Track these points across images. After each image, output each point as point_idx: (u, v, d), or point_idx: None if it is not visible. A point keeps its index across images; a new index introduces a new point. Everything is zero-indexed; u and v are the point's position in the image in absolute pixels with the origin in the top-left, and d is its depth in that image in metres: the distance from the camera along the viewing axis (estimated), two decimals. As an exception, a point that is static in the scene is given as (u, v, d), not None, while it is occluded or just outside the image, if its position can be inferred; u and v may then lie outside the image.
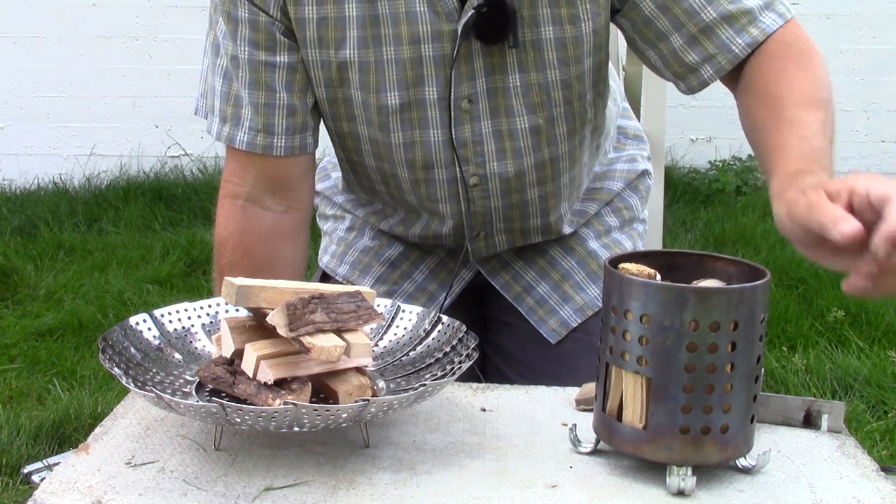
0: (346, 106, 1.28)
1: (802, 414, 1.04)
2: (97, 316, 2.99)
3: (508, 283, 1.44)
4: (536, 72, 1.25)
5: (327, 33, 1.23)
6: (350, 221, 1.51)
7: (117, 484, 0.89)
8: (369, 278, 1.45)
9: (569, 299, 1.43)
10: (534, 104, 1.27)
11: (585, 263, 1.44)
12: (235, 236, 1.31)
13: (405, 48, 1.23)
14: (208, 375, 0.98)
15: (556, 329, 1.42)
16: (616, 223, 1.50)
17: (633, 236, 1.52)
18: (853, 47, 4.58)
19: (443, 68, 1.24)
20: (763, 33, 1.23)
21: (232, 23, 1.25)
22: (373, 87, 1.25)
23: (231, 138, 1.29)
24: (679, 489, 0.89)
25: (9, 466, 2.12)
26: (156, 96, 4.64)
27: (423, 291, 1.45)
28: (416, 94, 1.25)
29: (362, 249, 1.48)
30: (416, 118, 1.27)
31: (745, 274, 0.95)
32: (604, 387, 0.94)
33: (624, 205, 1.51)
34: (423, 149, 1.29)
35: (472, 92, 1.26)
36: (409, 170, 1.31)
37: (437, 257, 1.47)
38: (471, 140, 1.28)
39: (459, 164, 1.29)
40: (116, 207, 4.15)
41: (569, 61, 1.25)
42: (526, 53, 1.24)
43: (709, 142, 4.74)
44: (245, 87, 1.26)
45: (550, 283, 1.44)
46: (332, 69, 1.25)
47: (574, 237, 1.46)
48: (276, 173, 1.31)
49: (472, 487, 0.90)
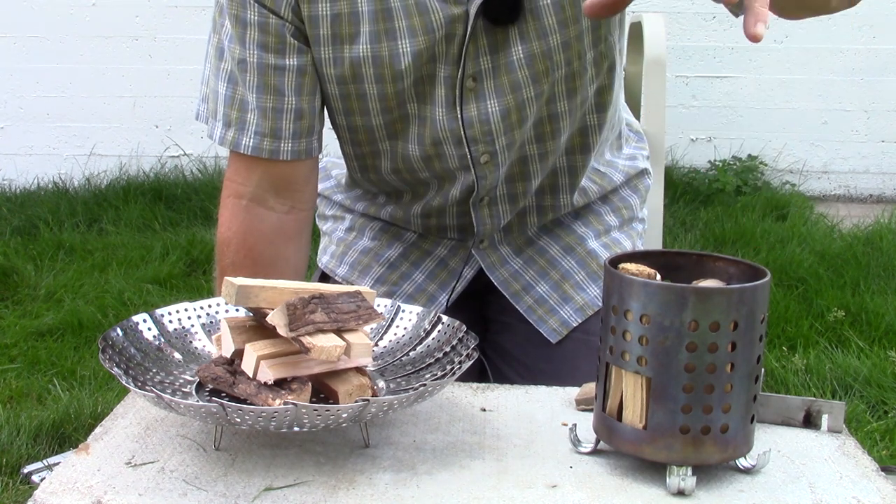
0: (359, 101, 1.28)
1: (802, 414, 1.04)
2: (97, 316, 2.99)
3: (507, 280, 1.44)
4: (538, 40, 1.25)
5: (341, 29, 1.23)
6: (350, 222, 1.51)
7: (117, 484, 0.89)
8: (369, 279, 1.45)
9: (569, 299, 1.43)
10: (538, 73, 1.27)
11: (585, 263, 1.44)
12: (239, 236, 1.31)
13: (420, 38, 1.23)
14: (208, 375, 0.98)
15: (557, 329, 1.42)
16: (616, 222, 1.50)
17: (633, 235, 1.52)
18: (853, 47, 4.59)
19: (452, 48, 1.24)
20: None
21: (240, 26, 1.24)
22: (388, 78, 1.25)
23: (236, 143, 1.28)
24: (679, 489, 0.89)
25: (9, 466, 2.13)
26: (156, 96, 4.65)
27: (423, 292, 1.45)
28: (427, 71, 1.26)
29: (362, 250, 1.48)
30: (427, 93, 1.27)
31: (745, 274, 0.95)
32: (604, 387, 0.94)
33: (623, 204, 1.51)
34: (431, 127, 1.29)
35: (477, 70, 1.26)
36: (420, 146, 1.31)
37: (437, 258, 1.47)
38: (477, 119, 1.28)
39: (470, 143, 1.30)
40: (116, 207, 4.15)
41: (567, 22, 1.25)
42: (527, 24, 1.24)
43: (709, 142, 4.74)
44: (252, 90, 1.26)
45: (550, 283, 1.44)
46: (345, 66, 1.25)
47: (574, 237, 1.46)
48: (281, 175, 1.31)
49: (472, 487, 0.90)
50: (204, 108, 1.33)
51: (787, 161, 4.68)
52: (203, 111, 1.33)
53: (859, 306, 3.03)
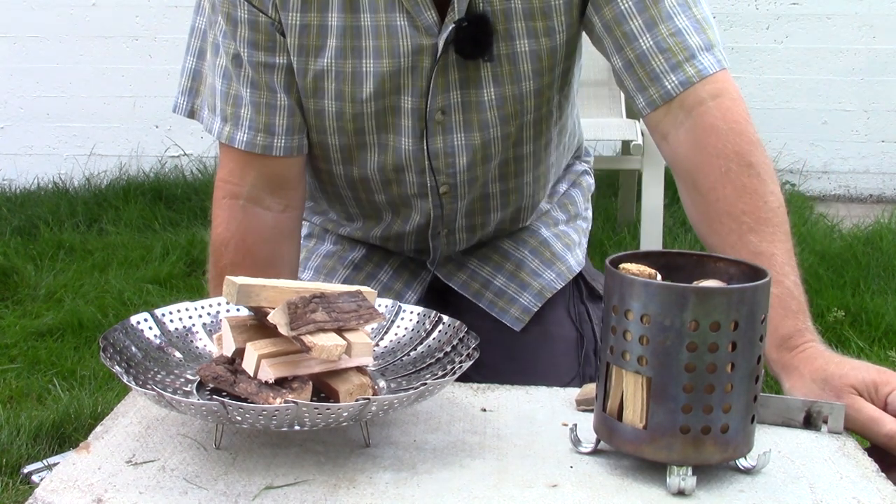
0: (317, 118, 1.29)
1: (803, 415, 1.04)
2: (97, 316, 2.99)
3: (466, 282, 1.47)
4: (511, 84, 1.26)
5: (308, 41, 1.24)
6: (308, 229, 1.53)
7: (118, 482, 0.90)
8: (335, 281, 1.46)
9: (526, 286, 1.45)
10: (507, 115, 1.28)
11: (538, 252, 1.47)
12: (238, 237, 1.31)
13: (384, 61, 1.23)
14: (209, 374, 0.98)
15: (519, 317, 1.44)
16: (563, 217, 1.53)
17: (579, 231, 1.55)
18: (853, 47, 4.58)
19: (420, 80, 1.24)
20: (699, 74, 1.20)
21: (231, 23, 1.25)
22: (348, 97, 1.25)
23: (231, 138, 1.29)
24: (679, 489, 0.89)
25: (9, 466, 2.12)
26: (156, 96, 4.64)
27: (390, 291, 1.46)
28: (392, 101, 1.26)
29: (325, 254, 1.50)
30: (391, 123, 1.28)
31: (746, 274, 0.96)
32: (604, 387, 0.94)
33: (568, 200, 1.55)
34: (394, 155, 1.30)
35: (446, 104, 1.27)
36: (379, 172, 1.33)
37: (400, 258, 1.49)
38: (443, 152, 1.30)
39: (433, 173, 1.31)
40: (116, 207, 4.15)
41: (542, 71, 1.27)
42: (501, 67, 1.25)
43: (709, 142, 4.74)
44: (246, 86, 1.27)
45: (506, 275, 1.46)
46: (307, 78, 1.26)
47: (525, 230, 1.49)
48: (275, 173, 1.31)
49: (472, 487, 0.90)
50: (183, 100, 1.34)
51: (786, 161, 4.67)
52: (182, 104, 1.34)
53: (859, 306, 3.03)
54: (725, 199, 1.16)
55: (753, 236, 1.14)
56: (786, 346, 1.10)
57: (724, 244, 1.16)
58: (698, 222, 1.22)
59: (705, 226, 1.20)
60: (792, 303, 1.11)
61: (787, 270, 1.12)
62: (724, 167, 1.16)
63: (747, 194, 1.15)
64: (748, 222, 1.14)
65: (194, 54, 1.33)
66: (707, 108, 1.19)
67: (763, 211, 1.15)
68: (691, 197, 1.22)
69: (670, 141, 1.22)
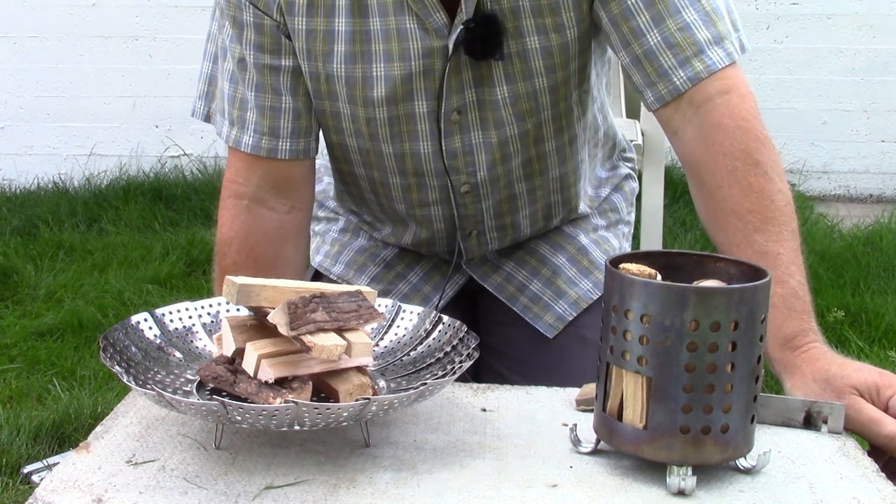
0: (333, 119, 1.29)
1: (803, 415, 1.04)
2: (97, 316, 2.99)
3: (501, 284, 1.45)
4: (524, 81, 1.26)
5: (315, 46, 1.24)
6: (343, 223, 1.52)
7: (118, 482, 0.90)
8: (364, 278, 1.46)
9: (563, 294, 1.43)
10: (522, 112, 1.28)
11: (576, 259, 1.45)
12: (241, 236, 1.31)
13: (395, 65, 1.23)
14: (209, 374, 0.98)
15: (553, 324, 1.42)
16: (603, 223, 1.51)
17: (619, 236, 1.54)
18: (853, 47, 4.59)
19: (432, 83, 1.24)
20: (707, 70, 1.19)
21: (237, 27, 1.25)
22: (360, 101, 1.25)
23: (237, 141, 1.29)
24: (679, 489, 0.89)
25: (9, 466, 2.12)
26: (156, 96, 4.65)
27: (418, 293, 1.45)
28: (406, 108, 1.26)
29: (357, 249, 1.48)
30: (405, 130, 1.28)
31: (746, 274, 0.96)
32: (604, 387, 0.94)
33: (609, 206, 1.53)
34: (413, 159, 1.30)
35: (462, 104, 1.26)
36: (400, 176, 1.33)
37: (433, 260, 1.48)
38: (461, 151, 1.30)
39: (449, 174, 1.30)
40: (116, 207, 4.15)
41: (555, 68, 1.26)
42: (513, 65, 1.24)
43: (709, 142, 4.74)
44: (251, 89, 1.27)
45: (543, 280, 1.44)
46: (319, 81, 1.26)
47: (562, 236, 1.47)
48: (281, 174, 1.31)
49: (472, 487, 0.90)
50: (199, 105, 1.34)
51: (786, 161, 4.67)
52: (200, 108, 1.34)
53: (859, 306, 3.03)
54: (732, 197, 1.16)
55: (759, 235, 1.14)
56: (789, 346, 1.10)
57: (731, 243, 1.16)
58: (706, 219, 1.22)
59: (712, 223, 1.20)
60: (796, 303, 1.11)
61: (793, 270, 1.12)
62: (731, 166, 1.16)
63: (753, 193, 1.15)
64: (754, 221, 1.14)
65: (210, 59, 1.33)
66: (715, 105, 1.19)
67: (769, 210, 1.15)
68: (699, 194, 1.22)
69: (680, 137, 1.23)
